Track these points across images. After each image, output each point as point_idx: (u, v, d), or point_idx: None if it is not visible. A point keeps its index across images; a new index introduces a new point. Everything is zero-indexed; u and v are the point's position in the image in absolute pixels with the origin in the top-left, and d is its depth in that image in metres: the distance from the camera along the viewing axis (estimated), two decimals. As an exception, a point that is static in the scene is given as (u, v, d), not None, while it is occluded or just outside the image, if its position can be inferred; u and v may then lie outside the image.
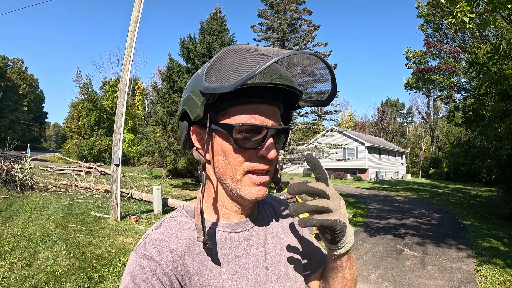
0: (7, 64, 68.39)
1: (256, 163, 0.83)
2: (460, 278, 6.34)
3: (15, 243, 7.13)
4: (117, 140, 9.83)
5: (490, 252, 8.26)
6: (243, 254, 0.90)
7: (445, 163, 48.71)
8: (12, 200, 11.79)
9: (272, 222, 1.03)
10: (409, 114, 77.57)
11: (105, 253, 6.65)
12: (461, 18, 5.06)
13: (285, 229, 1.06)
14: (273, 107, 0.83)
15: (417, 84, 24.96)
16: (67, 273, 5.49)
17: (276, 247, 0.98)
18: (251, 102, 0.80)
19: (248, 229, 0.94)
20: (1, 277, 5.24)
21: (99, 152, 43.18)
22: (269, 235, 0.99)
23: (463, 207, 17.59)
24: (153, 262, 0.76)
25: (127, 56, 10.06)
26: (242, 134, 0.80)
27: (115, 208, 9.69)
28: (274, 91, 0.82)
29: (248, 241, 0.93)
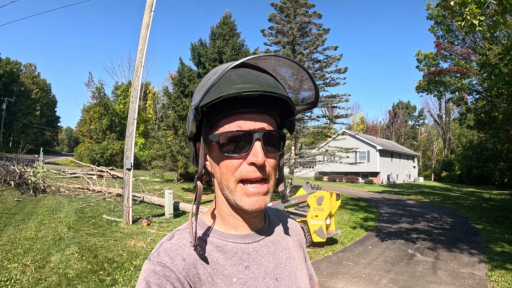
0: (20, 69, 69.55)
1: (247, 171, 0.83)
2: (472, 284, 6.28)
3: (28, 245, 7.22)
4: (129, 145, 9.95)
5: (503, 257, 8.16)
6: (253, 264, 0.91)
7: (457, 166, 48.20)
8: (25, 203, 11.90)
9: (282, 235, 1.04)
10: (420, 116, 76.84)
11: (117, 257, 6.73)
12: (470, 21, 5.04)
13: (295, 244, 1.07)
14: (262, 115, 0.85)
15: (429, 86, 24.76)
16: (79, 276, 5.57)
17: (287, 259, 0.99)
18: (238, 113, 0.83)
19: (258, 240, 0.96)
20: (14, 279, 5.32)
21: (111, 156, 43.57)
22: (279, 248, 0.99)
23: (475, 210, 17.38)
24: (166, 269, 0.79)
25: (139, 62, 10.18)
26: (229, 143, 0.83)
27: (127, 211, 9.79)
28: (264, 100, 0.83)
29: (258, 252, 0.94)
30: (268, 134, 0.85)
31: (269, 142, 0.86)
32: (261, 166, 0.83)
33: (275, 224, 1.06)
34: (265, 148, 0.84)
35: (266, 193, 0.87)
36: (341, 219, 13.26)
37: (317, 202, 8.23)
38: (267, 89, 0.80)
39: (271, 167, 0.87)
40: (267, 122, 0.86)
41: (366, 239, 10.09)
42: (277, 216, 1.12)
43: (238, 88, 0.78)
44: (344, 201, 18.92)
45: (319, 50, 19.99)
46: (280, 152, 0.90)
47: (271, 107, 0.87)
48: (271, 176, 0.88)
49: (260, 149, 0.82)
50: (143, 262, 6.46)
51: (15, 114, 64.88)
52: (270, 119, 0.87)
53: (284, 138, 0.91)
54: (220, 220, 0.95)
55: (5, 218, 9.38)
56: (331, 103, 20.17)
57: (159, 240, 7.88)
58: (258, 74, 0.84)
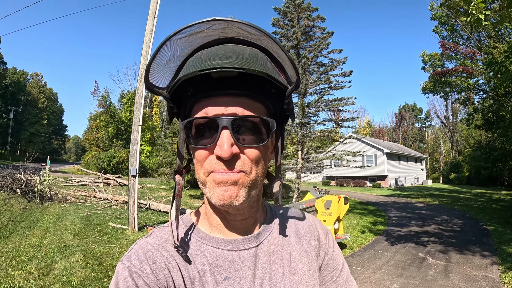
0: (26, 78, 70.60)
1: (214, 165, 0.72)
2: (485, 286, 6.14)
3: (32, 253, 7.19)
4: (134, 152, 9.91)
5: (516, 259, 7.99)
6: (234, 276, 0.80)
7: (465, 167, 48.06)
8: (31, 210, 11.88)
9: (285, 243, 0.89)
10: (427, 118, 76.71)
11: (122, 264, 6.66)
12: (476, 16, 4.95)
13: (307, 254, 0.91)
14: (238, 98, 0.72)
15: (435, 87, 24.65)
16: (83, 284, 5.52)
17: (284, 275, 0.84)
18: (207, 96, 0.73)
19: (248, 248, 0.83)
20: (17, 287, 5.29)
21: (118, 163, 43.74)
22: (275, 259, 0.86)
23: (485, 212, 17.23)
24: (135, 275, 0.73)
25: (142, 68, 10.19)
26: (197, 131, 0.74)
27: (133, 219, 9.73)
28: (244, 80, 0.71)
29: (244, 263, 0.82)
30: (241, 120, 0.71)
31: (246, 131, 0.72)
32: (228, 160, 0.71)
33: (279, 228, 0.91)
34: (238, 138, 0.71)
35: (237, 182, 0.72)
36: (350, 224, 13.12)
37: (325, 206, 8.13)
38: (231, 65, 0.67)
39: (250, 161, 0.73)
40: (245, 107, 0.72)
41: (375, 243, 9.95)
42: (287, 217, 0.96)
43: (195, 67, 0.68)
44: (352, 205, 18.84)
45: (324, 54, 19.92)
46: (263, 143, 0.74)
47: (255, 89, 0.74)
48: (251, 170, 0.73)
49: (227, 139, 0.70)
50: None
51: (22, 123, 65.73)
52: (252, 102, 0.74)
53: (269, 125, 0.74)
54: (206, 219, 0.86)
55: (11, 226, 9.36)
56: (337, 106, 20.06)
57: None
58: (235, 49, 0.72)
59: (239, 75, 0.70)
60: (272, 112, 0.79)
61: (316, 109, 19.56)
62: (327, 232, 0.99)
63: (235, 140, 0.71)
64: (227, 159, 0.70)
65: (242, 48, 0.72)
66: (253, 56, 0.71)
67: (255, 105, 0.74)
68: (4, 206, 11.09)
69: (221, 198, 0.72)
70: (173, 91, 0.76)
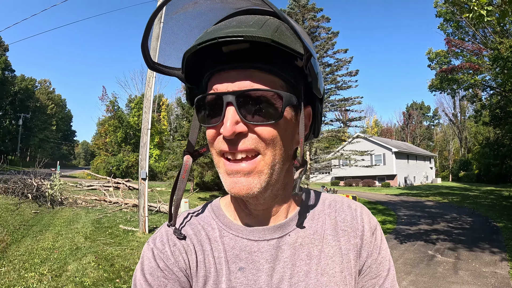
0: (35, 85, 71.45)
1: (221, 144, 0.68)
2: (494, 283, 6.15)
3: (45, 255, 7.31)
4: (143, 155, 10.04)
5: (526, 255, 7.96)
6: (250, 268, 0.75)
7: (475, 165, 47.70)
8: (43, 215, 12.02)
9: (318, 238, 0.79)
10: (435, 116, 76.24)
11: (133, 265, 6.78)
12: (478, 11, 4.99)
13: (339, 251, 0.79)
14: (246, 71, 0.66)
15: (441, 84, 24.49)
16: (95, 284, 5.63)
17: (309, 272, 0.76)
18: (217, 71, 0.68)
19: (268, 239, 0.77)
20: (31, 287, 5.41)
21: (127, 167, 44.07)
22: (301, 254, 0.77)
23: (495, 209, 17.12)
24: (157, 256, 0.76)
25: (150, 73, 10.34)
26: (206, 109, 0.70)
27: (143, 221, 9.85)
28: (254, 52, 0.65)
29: (263, 254, 0.76)
30: (247, 95, 0.65)
31: (255, 106, 0.65)
32: (232, 139, 0.66)
33: (313, 219, 0.82)
34: (246, 114, 0.65)
35: (251, 173, 0.67)
36: (358, 222, 13.08)
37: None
38: (229, 33, 0.61)
39: (263, 140, 0.66)
40: (255, 80, 0.66)
41: (384, 241, 9.96)
42: (327, 206, 0.85)
43: (197, 41, 0.64)
44: (361, 205, 18.73)
45: (329, 54, 20.04)
46: (275, 120, 0.66)
47: (269, 61, 0.67)
48: (266, 150, 0.67)
49: (231, 116, 0.64)
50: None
51: (32, 129, 66.59)
52: (265, 75, 0.67)
53: (282, 99, 0.66)
54: (232, 205, 0.82)
55: (23, 230, 9.47)
56: (344, 106, 20.13)
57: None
58: (241, 19, 0.67)
59: (250, 47, 0.65)
60: (293, 86, 0.71)
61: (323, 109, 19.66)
62: (375, 229, 0.83)
63: (241, 117, 0.65)
64: (229, 138, 0.65)
65: (250, 17, 0.67)
66: (258, 23, 0.64)
67: (269, 78, 0.67)
68: (16, 210, 11.21)
69: (232, 190, 0.68)
70: (192, 70, 0.73)
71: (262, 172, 0.67)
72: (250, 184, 0.67)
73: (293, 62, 0.69)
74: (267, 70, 0.67)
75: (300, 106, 0.72)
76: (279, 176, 0.72)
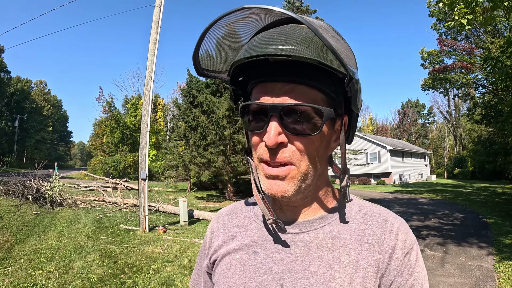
0: (30, 86, 71.32)
1: (262, 152, 0.74)
2: (479, 275, 6.47)
3: (50, 254, 7.50)
4: (143, 156, 10.31)
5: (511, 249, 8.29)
6: (262, 253, 0.83)
7: (470, 162, 48.00)
8: (43, 216, 12.14)
9: (338, 244, 0.80)
10: (430, 114, 76.48)
11: (136, 262, 7.06)
12: (459, 21, 5.30)
13: (356, 263, 0.77)
14: (290, 84, 0.71)
15: (434, 84, 24.87)
16: (101, 280, 5.90)
17: (317, 274, 0.77)
18: (262, 82, 0.74)
19: (285, 232, 0.82)
20: (40, 285, 5.61)
21: (124, 168, 44.28)
22: (313, 254, 0.79)
23: (487, 205, 17.47)
24: (213, 226, 0.99)
25: (149, 76, 10.57)
26: (252, 117, 0.75)
27: (143, 220, 10.13)
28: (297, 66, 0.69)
29: (276, 245, 0.83)
30: (289, 109, 0.70)
31: (296, 119, 0.71)
32: (273, 149, 0.72)
33: (338, 225, 0.83)
34: (287, 126, 0.71)
35: (285, 177, 0.74)
36: (353, 219, 13.37)
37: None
38: (276, 52, 0.65)
39: (299, 151, 0.73)
40: (297, 94, 0.70)
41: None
42: (362, 215, 0.85)
43: (245, 54, 0.69)
44: (356, 202, 19.03)
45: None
46: (314, 133, 0.72)
47: (312, 75, 0.70)
48: (300, 162, 0.74)
49: (274, 128, 0.70)
50: (161, 266, 6.85)
51: (28, 130, 66.49)
52: (308, 90, 0.71)
53: (322, 115, 0.71)
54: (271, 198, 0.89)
55: (26, 230, 9.59)
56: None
57: (175, 246, 8.26)
58: (289, 31, 0.69)
59: (296, 60, 0.66)
60: (334, 99, 0.75)
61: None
62: (411, 248, 0.80)
63: (284, 129, 0.71)
64: (272, 148, 0.71)
65: (299, 29, 0.70)
66: (306, 40, 0.67)
67: (311, 93, 0.71)
68: (17, 212, 11.35)
69: (269, 190, 0.75)
70: (238, 74, 0.80)
71: (295, 178, 0.74)
72: (285, 187, 0.74)
73: (336, 77, 0.70)
74: (310, 85, 0.71)
75: (339, 117, 0.78)
76: (311, 182, 0.78)
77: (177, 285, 5.88)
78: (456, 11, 5.34)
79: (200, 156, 18.79)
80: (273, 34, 0.69)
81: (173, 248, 8.38)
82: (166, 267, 6.87)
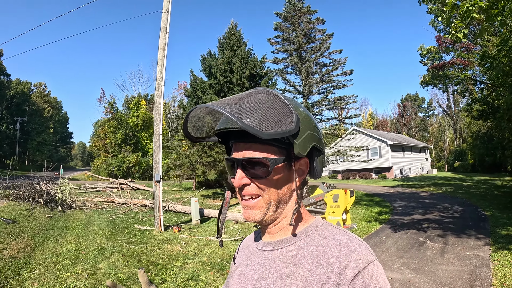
0: (30, 89, 71.34)
1: (238, 190, 0.99)
2: (475, 263, 6.99)
3: (73, 256, 7.68)
4: (156, 159, 10.80)
5: (507, 239, 8.79)
6: (250, 266, 1.07)
7: (470, 155, 48.13)
8: (57, 218, 12.27)
9: (296, 261, 0.95)
10: (430, 108, 76.36)
11: (158, 260, 7.51)
12: (456, 35, 5.78)
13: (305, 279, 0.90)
14: (248, 144, 0.95)
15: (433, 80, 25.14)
16: (130, 278, 6.33)
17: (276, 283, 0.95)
18: (235, 142, 0.99)
19: (263, 250, 1.05)
20: (71, 286, 5.85)
21: (128, 168, 44.61)
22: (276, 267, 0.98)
23: (486, 198, 17.88)
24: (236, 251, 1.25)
25: (159, 81, 11.02)
26: (229, 165, 1.02)
27: (159, 220, 10.61)
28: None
29: (258, 259, 1.05)
30: (246, 161, 0.94)
31: (252, 167, 0.95)
32: (240, 187, 0.97)
33: (299, 245, 0.99)
34: (247, 172, 0.95)
35: (253, 207, 0.97)
36: (357, 214, 13.92)
37: (333, 199, 8.90)
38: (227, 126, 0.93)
39: (260, 188, 0.96)
40: (254, 149, 0.94)
41: (380, 231, 10.81)
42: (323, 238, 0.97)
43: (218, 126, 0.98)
44: (359, 197, 19.59)
45: (325, 55, 20.71)
46: (266, 176, 0.94)
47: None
48: (264, 194, 0.96)
49: (239, 174, 0.95)
50: (183, 263, 7.26)
51: (29, 133, 66.73)
52: (262, 146, 0.94)
53: (267, 164, 0.93)
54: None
55: (42, 234, 9.67)
56: (339, 105, 20.82)
57: (192, 244, 8.83)
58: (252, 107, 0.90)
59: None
60: (286, 149, 0.96)
61: (320, 108, 20.41)
62: (364, 268, 0.87)
63: (245, 174, 0.95)
64: (238, 187, 0.97)
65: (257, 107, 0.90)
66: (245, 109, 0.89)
67: (264, 147, 0.94)
68: (31, 216, 11.48)
69: (244, 216, 1.01)
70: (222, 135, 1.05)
71: (261, 207, 0.97)
72: (253, 214, 0.98)
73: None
74: (262, 142, 0.93)
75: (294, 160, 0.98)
76: (275, 209, 0.99)
77: (202, 280, 6.30)
78: (453, 25, 5.81)
79: (206, 156, 19.25)
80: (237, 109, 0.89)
81: (191, 246, 8.80)
82: (188, 263, 7.27)
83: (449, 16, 5.94)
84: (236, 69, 19.95)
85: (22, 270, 6.46)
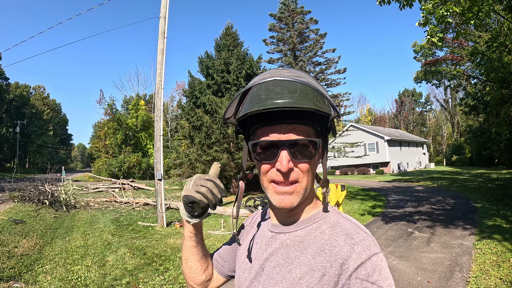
0: (29, 92, 71.60)
1: (275, 175, 0.93)
2: (458, 251, 7.45)
3: (82, 251, 8.14)
4: (158, 158, 11.30)
5: (492, 229, 9.18)
6: (260, 244, 1.09)
7: (467, 148, 48.28)
8: (62, 218, 12.64)
9: (302, 247, 0.97)
10: (427, 102, 76.36)
11: (162, 252, 8.01)
12: (431, 40, 6.21)
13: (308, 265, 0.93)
14: (291, 125, 0.90)
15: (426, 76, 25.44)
16: (137, 268, 6.83)
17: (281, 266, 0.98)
18: (268, 124, 0.92)
19: (273, 231, 1.06)
20: (84, 276, 6.30)
21: (129, 168, 44.91)
22: (282, 250, 1.00)
23: (479, 191, 18.17)
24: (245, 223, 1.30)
25: (159, 85, 11.49)
26: (261, 150, 0.94)
27: (161, 216, 11.10)
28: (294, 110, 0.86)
29: (265, 240, 1.07)
30: (294, 143, 0.90)
31: (298, 150, 0.91)
32: (286, 172, 0.91)
33: (306, 231, 1.00)
34: (294, 155, 0.91)
35: (293, 193, 0.93)
36: (351, 208, 14.26)
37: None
38: (287, 105, 0.84)
39: (302, 171, 0.93)
40: (298, 131, 0.91)
41: (372, 223, 11.24)
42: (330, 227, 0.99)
43: (260, 105, 0.86)
44: (355, 192, 20.01)
45: (319, 54, 21.11)
46: (311, 158, 0.93)
47: (305, 116, 0.92)
48: (303, 179, 0.94)
49: (285, 157, 0.89)
50: (185, 254, 7.73)
51: (29, 136, 67.01)
52: (304, 127, 0.92)
53: (315, 144, 0.92)
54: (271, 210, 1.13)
55: (50, 233, 10.02)
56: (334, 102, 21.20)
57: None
58: (286, 86, 0.87)
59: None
60: (319, 131, 0.96)
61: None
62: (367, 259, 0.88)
63: (291, 157, 0.90)
64: (285, 172, 0.90)
65: (293, 85, 0.88)
66: (303, 93, 0.86)
67: (306, 129, 0.92)
68: (37, 216, 11.84)
69: (280, 203, 0.94)
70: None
71: (299, 192, 0.94)
72: (292, 200, 0.94)
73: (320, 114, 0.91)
74: (305, 124, 0.92)
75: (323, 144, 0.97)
76: (309, 194, 0.99)
77: (204, 268, 6.77)
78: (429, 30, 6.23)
79: (205, 155, 19.63)
80: (275, 87, 0.87)
81: (192, 240, 9.22)
82: (190, 255, 7.72)
83: (426, 21, 6.36)
84: (233, 69, 20.33)
85: (34, 266, 6.85)
